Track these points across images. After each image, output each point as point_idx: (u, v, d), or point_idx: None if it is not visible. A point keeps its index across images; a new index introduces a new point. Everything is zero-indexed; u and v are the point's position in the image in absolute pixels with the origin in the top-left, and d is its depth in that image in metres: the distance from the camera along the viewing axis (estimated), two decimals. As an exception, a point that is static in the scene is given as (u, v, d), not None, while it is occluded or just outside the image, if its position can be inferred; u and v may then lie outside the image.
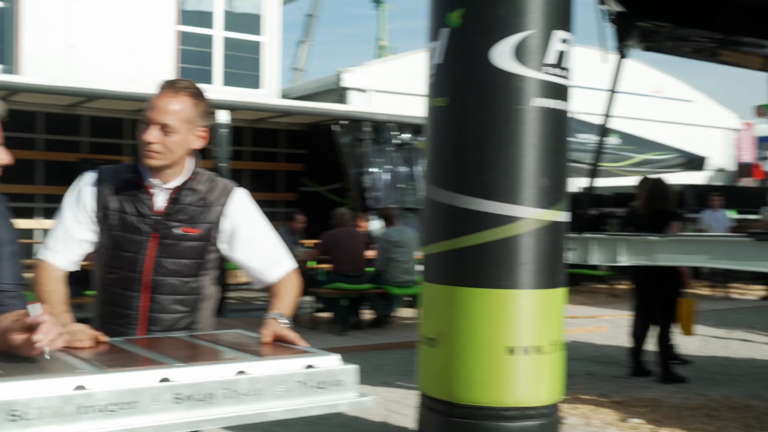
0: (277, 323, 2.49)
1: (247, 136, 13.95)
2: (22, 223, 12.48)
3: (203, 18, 14.82)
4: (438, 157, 4.86)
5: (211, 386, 1.95)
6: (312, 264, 10.37)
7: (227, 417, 1.97)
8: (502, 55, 4.60)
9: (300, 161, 14.21)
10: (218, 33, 14.95)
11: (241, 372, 2.02)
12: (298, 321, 10.02)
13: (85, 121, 12.79)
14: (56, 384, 1.78)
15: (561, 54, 4.70)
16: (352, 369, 2.18)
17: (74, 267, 2.69)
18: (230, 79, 14.90)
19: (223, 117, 10.47)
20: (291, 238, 10.39)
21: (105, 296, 2.69)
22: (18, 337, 1.98)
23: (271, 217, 11.26)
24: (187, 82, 2.64)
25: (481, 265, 4.60)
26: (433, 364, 4.75)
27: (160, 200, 2.63)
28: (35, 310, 1.95)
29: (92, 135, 12.91)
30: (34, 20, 12.81)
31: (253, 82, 15.14)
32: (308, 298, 9.80)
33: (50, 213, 12.83)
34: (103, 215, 2.63)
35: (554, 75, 4.68)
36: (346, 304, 9.39)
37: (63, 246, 2.63)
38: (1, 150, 2.14)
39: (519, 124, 4.61)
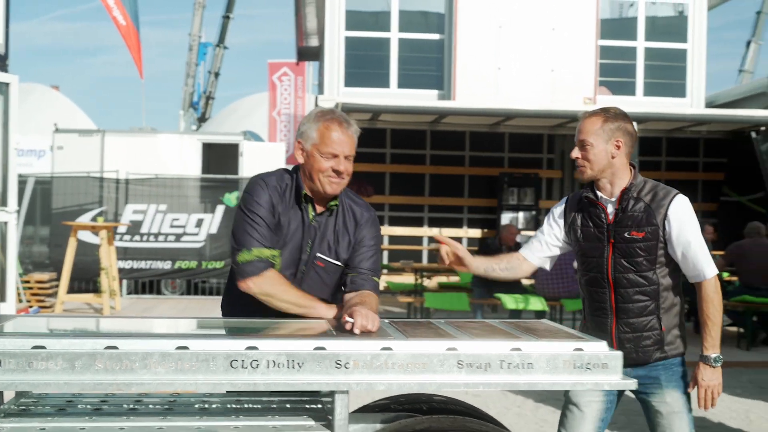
0: (702, 367, 3.07)
1: (664, 146, 13.89)
2: (450, 232, 13.93)
3: (625, 30, 14.97)
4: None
5: (487, 357, 2.44)
6: (726, 275, 10.11)
7: (499, 383, 2.45)
8: None
9: (720, 170, 13.75)
10: (640, 44, 15.02)
11: (515, 348, 2.47)
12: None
13: (506, 137, 13.85)
14: (368, 344, 2.42)
15: None
16: (618, 355, 2.50)
17: (541, 263, 3.38)
18: (653, 90, 14.89)
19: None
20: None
21: (586, 294, 3.32)
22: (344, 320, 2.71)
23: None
24: (608, 107, 3.20)
25: None
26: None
27: (610, 211, 3.18)
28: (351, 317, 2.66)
29: (512, 151, 13.93)
30: (467, 48, 14.15)
31: (677, 91, 14.96)
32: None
33: (474, 223, 14.19)
34: (570, 230, 3.30)
35: None
36: (755, 318, 9.02)
37: (537, 244, 3.38)
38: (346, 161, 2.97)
39: None
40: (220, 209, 12.88)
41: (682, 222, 3.06)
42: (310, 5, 16.71)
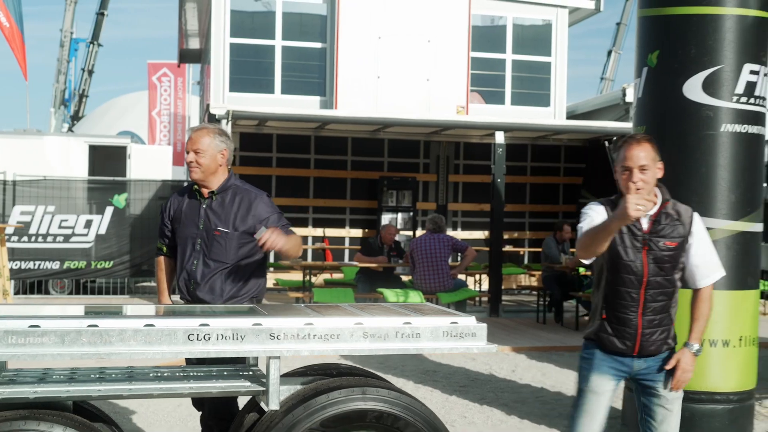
0: (687, 353, 3.60)
1: (529, 152, 15.08)
2: (334, 232, 14.69)
3: (495, 43, 15.98)
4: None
5: (386, 330, 3.19)
6: (582, 270, 11.26)
7: (395, 349, 3.20)
8: (693, 88, 5.36)
9: (579, 175, 15.06)
10: (509, 57, 16.13)
11: (407, 323, 3.23)
12: (565, 323, 11.02)
13: (386, 143, 14.71)
14: (294, 321, 3.13)
15: (752, 84, 5.36)
16: (484, 326, 3.30)
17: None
18: (520, 99, 16.01)
19: (499, 137, 11.72)
20: (558, 246, 11.40)
21: (610, 291, 3.70)
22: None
23: (548, 228, 12.45)
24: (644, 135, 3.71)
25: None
26: (633, 352, 5.60)
27: (644, 223, 3.67)
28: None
29: (391, 156, 14.82)
30: (348, 57, 14.88)
31: (542, 100, 16.17)
32: (571, 302, 10.73)
33: (356, 223, 14.99)
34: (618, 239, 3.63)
35: (744, 103, 5.34)
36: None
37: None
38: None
39: (709, 148, 5.35)
40: (108, 210, 13.17)
41: (700, 234, 3.66)
42: (191, 8, 17.05)
